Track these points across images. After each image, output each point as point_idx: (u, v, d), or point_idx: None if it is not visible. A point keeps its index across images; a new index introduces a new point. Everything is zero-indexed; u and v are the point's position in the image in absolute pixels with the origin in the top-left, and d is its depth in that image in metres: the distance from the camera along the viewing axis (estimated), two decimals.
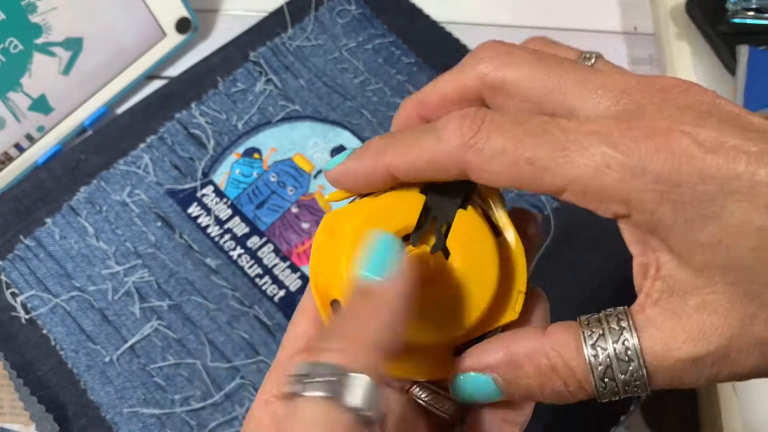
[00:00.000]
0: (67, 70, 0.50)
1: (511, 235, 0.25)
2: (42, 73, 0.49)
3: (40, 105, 0.50)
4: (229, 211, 0.49)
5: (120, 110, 0.55)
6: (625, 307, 0.23)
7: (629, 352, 0.22)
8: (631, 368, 0.22)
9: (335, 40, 0.56)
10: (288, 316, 0.46)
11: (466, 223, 0.24)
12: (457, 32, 0.56)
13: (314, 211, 0.50)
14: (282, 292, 0.47)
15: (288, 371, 0.21)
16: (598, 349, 0.22)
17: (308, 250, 0.48)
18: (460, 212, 0.24)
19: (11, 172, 0.51)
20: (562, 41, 0.57)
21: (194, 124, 0.52)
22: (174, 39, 0.55)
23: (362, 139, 0.52)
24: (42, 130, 0.51)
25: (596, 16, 0.59)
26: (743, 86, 0.49)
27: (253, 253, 0.48)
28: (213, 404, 0.43)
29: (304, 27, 0.56)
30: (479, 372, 0.24)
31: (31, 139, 0.51)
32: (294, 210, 0.49)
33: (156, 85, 0.56)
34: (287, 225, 0.49)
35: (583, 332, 0.23)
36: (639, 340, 0.22)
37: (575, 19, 0.59)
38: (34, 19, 0.47)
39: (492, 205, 0.25)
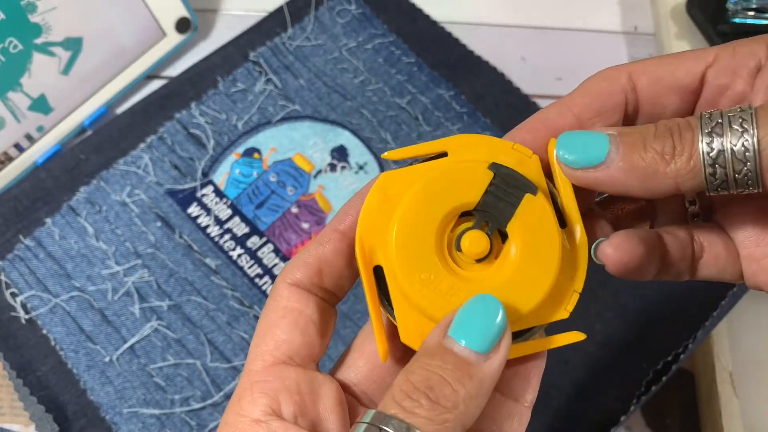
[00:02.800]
0: (66, 69, 0.50)
1: (578, 230, 0.24)
2: (42, 73, 0.49)
3: (40, 105, 0.50)
4: (229, 211, 0.49)
5: (120, 110, 0.55)
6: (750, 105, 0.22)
7: (747, 153, 0.21)
8: (746, 167, 0.21)
9: (335, 40, 0.56)
10: None
11: (532, 209, 0.23)
12: (457, 32, 0.56)
13: (314, 211, 0.49)
14: None
15: (372, 418, 0.21)
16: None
17: None
18: (528, 196, 0.23)
19: (11, 172, 0.51)
20: (562, 41, 0.57)
21: (194, 124, 0.52)
22: (174, 39, 0.55)
23: (362, 139, 0.52)
24: (42, 130, 0.51)
25: (597, 15, 0.59)
26: None
27: (253, 253, 0.48)
28: (213, 404, 0.43)
29: (304, 27, 0.56)
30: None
31: (30, 139, 0.51)
32: (294, 210, 0.49)
33: (156, 85, 0.56)
34: (287, 225, 0.49)
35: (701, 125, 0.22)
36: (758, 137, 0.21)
37: (576, 18, 0.59)
38: (34, 18, 0.47)
39: (563, 194, 0.24)
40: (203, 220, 0.49)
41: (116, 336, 0.45)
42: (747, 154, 0.21)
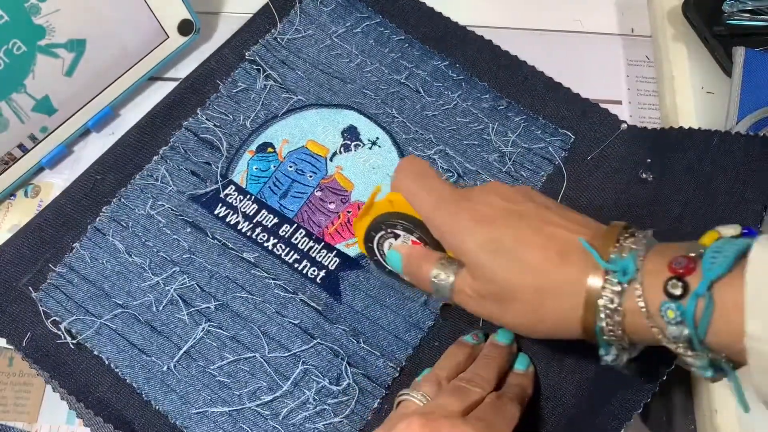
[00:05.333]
0: (70, 71, 0.50)
1: None
2: (45, 75, 0.49)
3: (44, 106, 0.50)
4: (255, 206, 0.50)
5: (123, 111, 0.55)
6: None
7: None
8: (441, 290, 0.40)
9: (324, 28, 0.56)
10: (332, 294, 0.47)
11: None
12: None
13: (337, 191, 0.50)
14: (323, 273, 0.47)
15: None
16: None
17: (339, 229, 0.49)
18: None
19: (14, 173, 0.51)
20: (558, 43, 0.57)
21: (203, 129, 0.52)
22: (176, 41, 0.55)
23: (369, 116, 0.53)
24: (45, 131, 0.51)
25: (593, 17, 0.59)
26: (739, 88, 0.50)
27: (287, 241, 0.48)
28: (283, 394, 0.44)
29: (291, 20, 0.57)
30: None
31: (34, 140, 0.51)
32: (318, 193, 0.50)
33: (159, 86, 0.56)
34: (314, 209, 0.50)
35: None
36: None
37: (572, 21, 0.59)
38: (38, 20, 0.47)
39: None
40: (232, 218, 0.49)
41: (169, 345, 0.45)
42: (443, 283, 0.38)
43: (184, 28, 0.55)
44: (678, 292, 0.30)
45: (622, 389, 0.40)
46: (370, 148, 0.52)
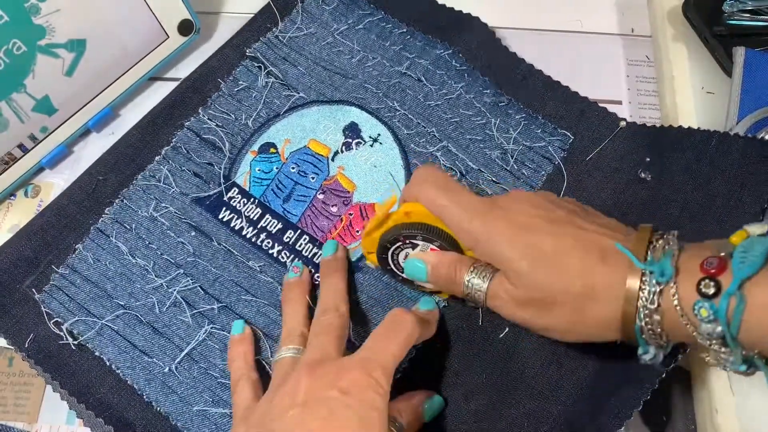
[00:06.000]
0: (70, 71, 0.50)
1: None
2: (45, 75, 0.49)
3: (44, 106, 0.50)
4: (258, 210, 0.49)
5: (123, 111, 0.55)
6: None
7: None
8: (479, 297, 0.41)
9: (326, 26, 0.56)
10: None
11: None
12: None
13: (339, 193, 0.50)
14: None
15: None
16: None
17: (342, 233, 0.49)
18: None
19: (15, 173, 0.51)
20: (558, 43, 0.57)
21: (205, 129, 0.52)
22: (177, 41, 0.55)
23: (371, 112, 0.53)
24: (45, 131, 0.51)
25: (593, 17, 0.59)
26: (740, 88, 0.50)
27: (291, 248, 0.48)
28: None
29: (293, 19, 0.56)
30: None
31: (34, 140, 0.51)
32: (320, 196, 0.50)
33: (159, 86, 0.56)
34: (317, 213, 0.49)
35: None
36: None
37: (573, 21, 0.59)
38: (38, 20, 0.47)
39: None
40: (236, 224, 0.49)
41: (171, 346, 0.45)
42: (478, 289, 0.40)
43: (184, 28, 0.55)
44: (711, 291, 0.32)
45: (622, 387, 0.40)
46: (371, 146, 0.52)
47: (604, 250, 0.36)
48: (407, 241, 0.42)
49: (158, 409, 0.43)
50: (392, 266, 0.44)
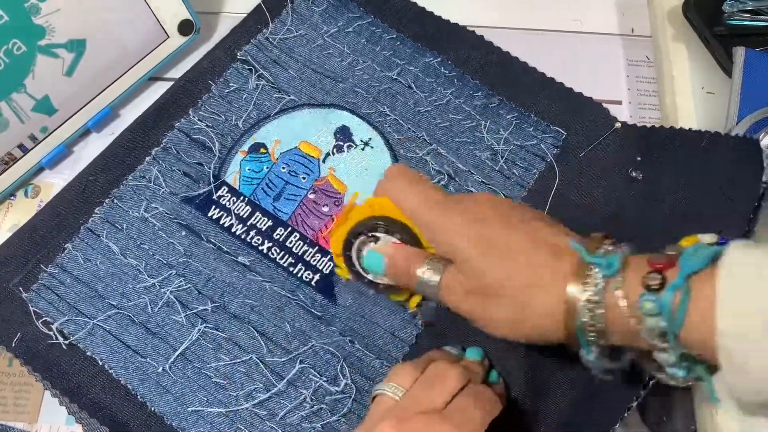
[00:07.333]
0: (70, 71, 0.50)
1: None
2: (45, 75, 0.49)
3: (44, 106, 0.50)
4: (248, 208, 0.50)
5: (123, 111, 0.55)
6: None
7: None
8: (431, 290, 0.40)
9: (316, 28, 0.56)
10: (327, 297, 0.47)
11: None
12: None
13: (330, 194, 0.51)
14: (317, 276, 0.48)
15: None
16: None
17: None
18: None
19: (15, 173, 0.51)
20: (558, 43, 0.57)
21: (195, 130, 0.52)
22: (177, 41, 0.55)
23: (362, 116, 0.53)
24: (45, 131, 0.51)
25: (593, 18, 0.60)
26: (739, 88, 0.50)
27: (281, 244, 0.48)
28: (278, 393, 0.44)
29: (283, 20, 0.57)
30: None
31: (34, 140, 0.51)
32: (311, 196, 0.50)
33: (159, 86, 0.56)
34: (308, 212, 0.50)
35: None
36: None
37: (572, 21, 0.59)
38: (38, 20, 0.47)
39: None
40: (226, 221, 0.49)
41: (164, 346, 0.45)
42: (431, 281, 0.40)
43: (184, 28, 0.55)
44: (656, 283, 0.32)
45: (619, 383, 0.40)
46: (362, 150, 0.52)
47: (556, 247, 0.36)
48: (370, 235, 0.42)
49: (152, 409, 0.43)
50: (357, 266, 0.44)
